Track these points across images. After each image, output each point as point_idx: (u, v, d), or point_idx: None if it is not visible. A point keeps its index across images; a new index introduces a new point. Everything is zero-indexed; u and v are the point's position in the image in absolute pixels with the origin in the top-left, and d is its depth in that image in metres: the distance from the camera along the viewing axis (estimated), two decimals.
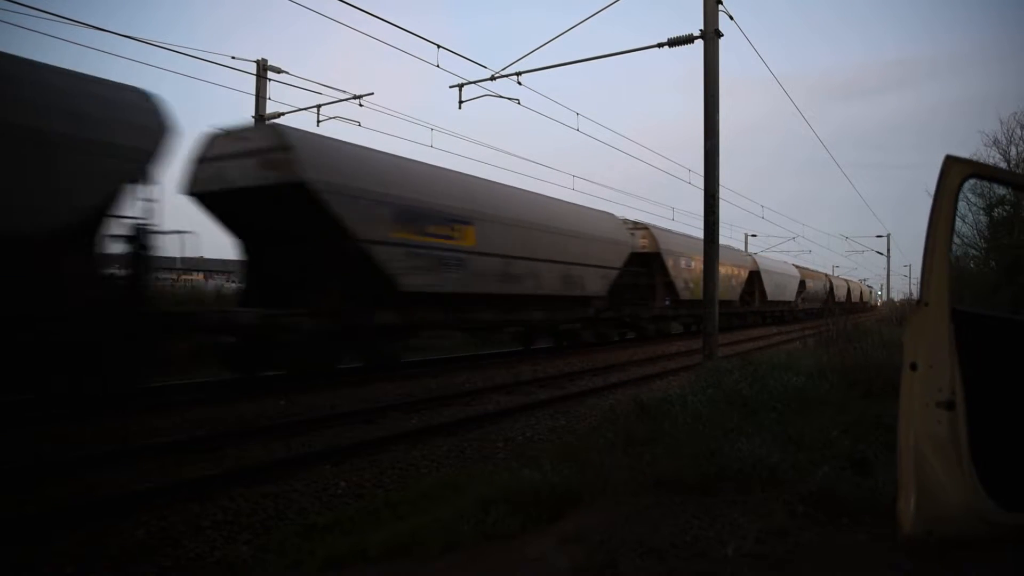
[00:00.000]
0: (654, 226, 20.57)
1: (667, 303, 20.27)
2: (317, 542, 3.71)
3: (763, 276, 29.79)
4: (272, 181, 9.11)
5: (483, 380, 10.70)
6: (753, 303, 29.11)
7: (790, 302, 34.25)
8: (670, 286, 20.08)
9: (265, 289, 10.04)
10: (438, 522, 3.49)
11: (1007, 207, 28.26)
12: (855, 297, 52.72)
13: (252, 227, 9.95)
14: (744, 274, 27.42)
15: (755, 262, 29.71)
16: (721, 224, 11.22)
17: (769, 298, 30.45)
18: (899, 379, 2.51)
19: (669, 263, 20.00)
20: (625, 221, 19.32)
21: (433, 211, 11.21)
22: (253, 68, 15.69)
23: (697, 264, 19.35)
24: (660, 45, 11.31)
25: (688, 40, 10.97)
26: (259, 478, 5.09)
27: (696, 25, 11.59)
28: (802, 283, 36.76)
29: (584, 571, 2.79)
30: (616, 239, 17.27)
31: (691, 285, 20.62)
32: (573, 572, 2.81)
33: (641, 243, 19.25)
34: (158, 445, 5.91)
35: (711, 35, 10.70)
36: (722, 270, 21.28)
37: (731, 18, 11.10)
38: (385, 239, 10.20)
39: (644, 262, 19.35)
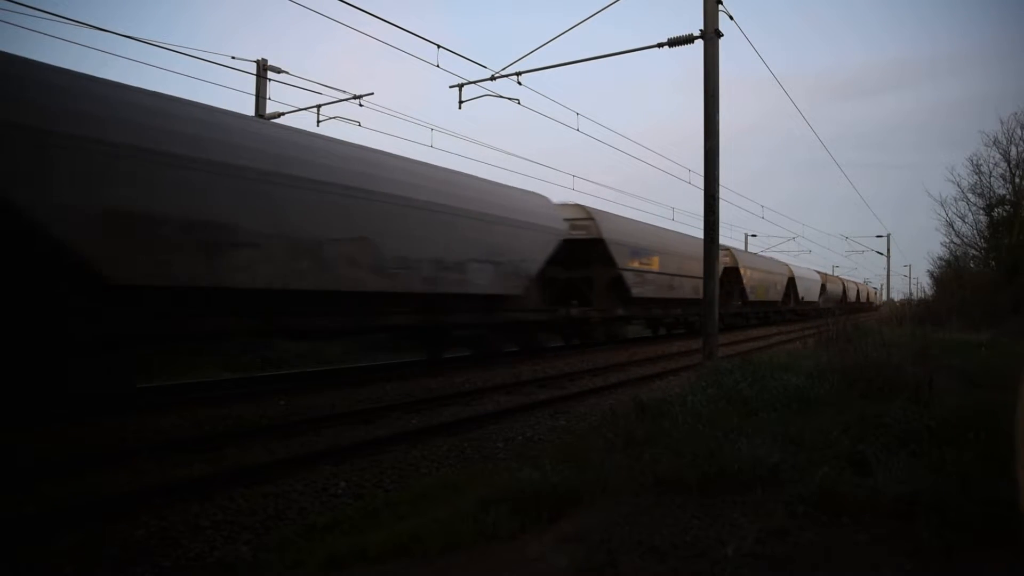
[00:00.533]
0: (733, 248, 28.10)
1: (739, 303, 27.69)
2: (317, 542, 3.71)
3: (797, 282, 36.04)
4: (581, 237, 16.18)
5: (483, 380, 10.70)
6: (790, 303, 35.66)
7: (815, 302, 40.36)
8: (742, 291, 27.38)
9: (551, 294, 15.66)
10: (438, 522, 3.49)
11: (1007, 207, 28.29)
12: (862, 298, 60.02)
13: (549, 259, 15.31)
14: (784, 280, 34.10)
15: (791, 270, 35.69)
16: (721, 224, 11.22)
17: (801, 299, 36.94)
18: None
19: (743, 274, 27.24)
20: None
21: (644, 248, 18.72)
22: (253, 68, 15.68)
23: (760, 274, 29.56)
24: (660, 45, 11.28)
25: (688, 40, 10.95)
26: (259, 478, 5.09)
27: (695, 25, 11.58)
28: (823, 286, 43.16)
29: (584, 571, 2.79)
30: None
31: (757, 290, 29.04)
32: (573, 572, 2.81)
33: (725, 260, 25.85)
34: (158, 445, 5.91)
35: (711, 35, 10.68)
36: (770, 278, 31.43)
37: (731, 18, 11.09)
38: (628, 267, 17.52)
39: (726, 274, 25.81)
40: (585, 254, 16.33)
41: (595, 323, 16.44)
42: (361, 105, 15.00)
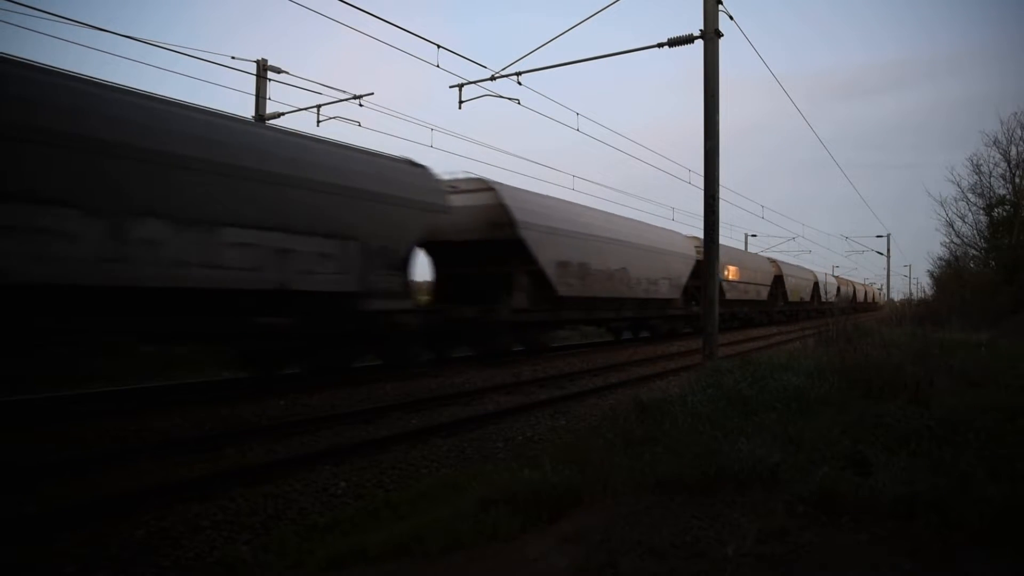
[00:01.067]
0: (779, 260, 35.49)
1: (782, 303, 34.85)
2: (317, 542, 3.72)
3: (819, 285, 42.91)
4: (699, 258, 20.91)
5: (483, 380, 10.70)
6: (814, 303, 42.07)
7: (832, 301, 45.53)
8: (784, 294, 34.65)
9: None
10: (438, 522, 3.49)
11: (1007, 207, 28.32)
12: (868, 298, 68.29)
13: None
14: (811, 284, 41.13)
15: (815, 276, 42.60)
16: (721, 224, 11.22)
17: (822, 299, 43.43)
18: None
19: (786, 281, 34.54)
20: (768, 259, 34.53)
21: (732, 262, 26.14)
22: (253, 68, 15.68)
23: (796, 280, 36.85)
24: (660, 45, 11.28)
25: (688, 40, 10.94)
26: (259, 478, 5.09)
27: (694, 26, 11.57)
28: (839, 288, 50.04)
29: (584, 571, 2.79)
30: (767, 270, 32.31)
31: (794, 293, 36.44)
32: (573, 572, 2.81)
33: (774, 270, 33.22)
34: (158, 445, 5.91)
35: (711, 35, 10.68)
36: (802, 283, 39.07)
37: (731, 18, 11.10)
38: (725, 279, 24.32)
39: (775, 281, 32.90)
40: (699, 269, 21.74)
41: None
42: (361, 105, 15.02)
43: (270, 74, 15.76)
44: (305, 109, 15.97)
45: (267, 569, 3.49)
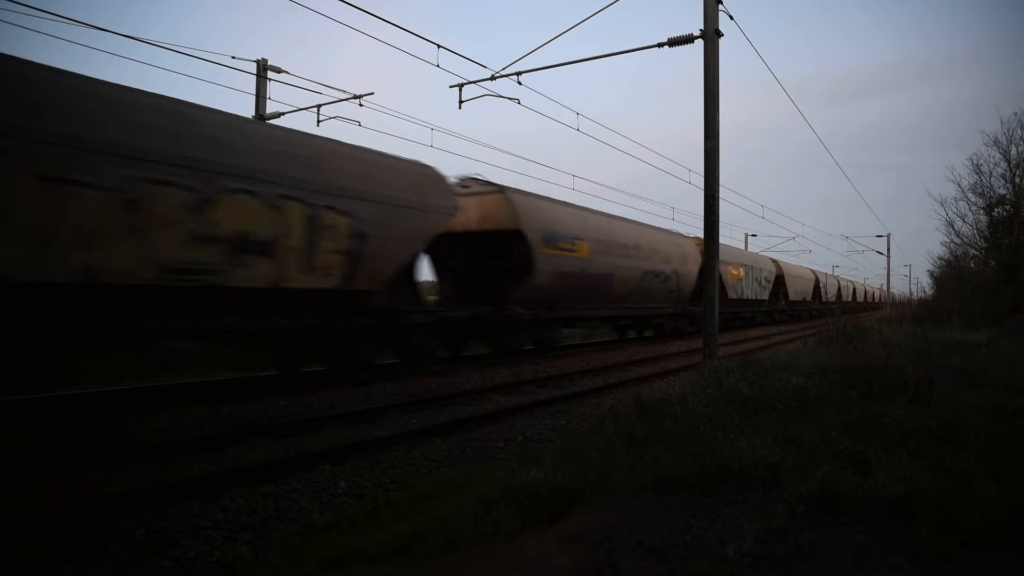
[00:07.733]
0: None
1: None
2: (317, 542, 3.72)
3: (820, 284, 44.62)
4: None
5: (483, 380, 10.70)
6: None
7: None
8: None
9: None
10: (438, 522, 3.49)
11: (1007, 207, 28.30)
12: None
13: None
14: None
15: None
16: (721, 223, 11.19)
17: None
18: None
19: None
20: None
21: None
22: (253, 68, 15.67)
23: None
24: (660, 45, 11.26)
25: (688, 40, 10.93)
26: (259, 478, 5.09)
27: (691, 28, 11.56)
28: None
29: (584, 571, 2.79)
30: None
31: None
32: (573, 572, 2.81)
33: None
34: (158, 445, 5.91)
35: (711, 35, 10.66)
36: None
37: (731, 18, 11.09)
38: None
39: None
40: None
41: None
42: (361, 105, 15.01)
43: (270, 74, 15.75)
44: (305, 109, 15.97)
45: (267, 569, 3.49)
